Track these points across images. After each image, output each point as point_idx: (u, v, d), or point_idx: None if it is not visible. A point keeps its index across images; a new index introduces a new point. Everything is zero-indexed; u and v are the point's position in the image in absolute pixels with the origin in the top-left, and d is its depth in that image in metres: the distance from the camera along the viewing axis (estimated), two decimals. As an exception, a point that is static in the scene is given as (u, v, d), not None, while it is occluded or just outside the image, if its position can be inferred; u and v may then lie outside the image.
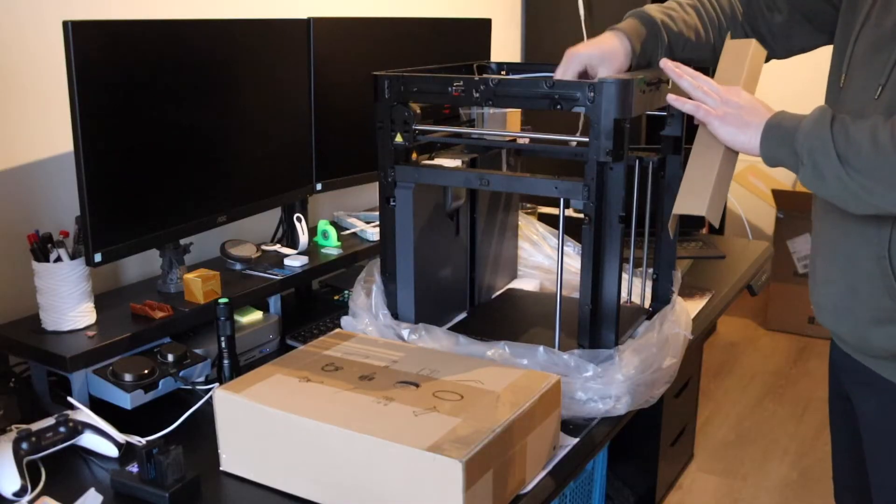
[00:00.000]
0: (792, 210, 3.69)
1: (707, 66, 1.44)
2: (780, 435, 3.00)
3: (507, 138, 1.64)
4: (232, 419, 1.21)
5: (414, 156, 1.49)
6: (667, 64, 1.29)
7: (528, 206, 2.51)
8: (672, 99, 1.28)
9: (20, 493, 1.16)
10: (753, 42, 1.37)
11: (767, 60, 1.45)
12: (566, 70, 1.38)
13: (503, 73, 1.73)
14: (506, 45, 3.01)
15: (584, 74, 1.39)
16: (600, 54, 1.37)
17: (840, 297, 1.25)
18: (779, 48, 1.45)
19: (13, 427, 1.27)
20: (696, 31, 1.43)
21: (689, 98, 1.27)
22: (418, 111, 1.43)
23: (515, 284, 1.85)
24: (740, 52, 1.35)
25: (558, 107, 1.30)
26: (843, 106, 1.23)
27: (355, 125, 1.91)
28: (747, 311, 4.06)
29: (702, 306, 1.85)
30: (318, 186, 1.90)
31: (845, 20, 1.28)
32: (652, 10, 1.42)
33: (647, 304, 1.68)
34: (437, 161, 1.54)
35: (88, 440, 1.28)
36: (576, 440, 1.30)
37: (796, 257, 3.75)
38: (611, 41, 1.38)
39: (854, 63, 1.22)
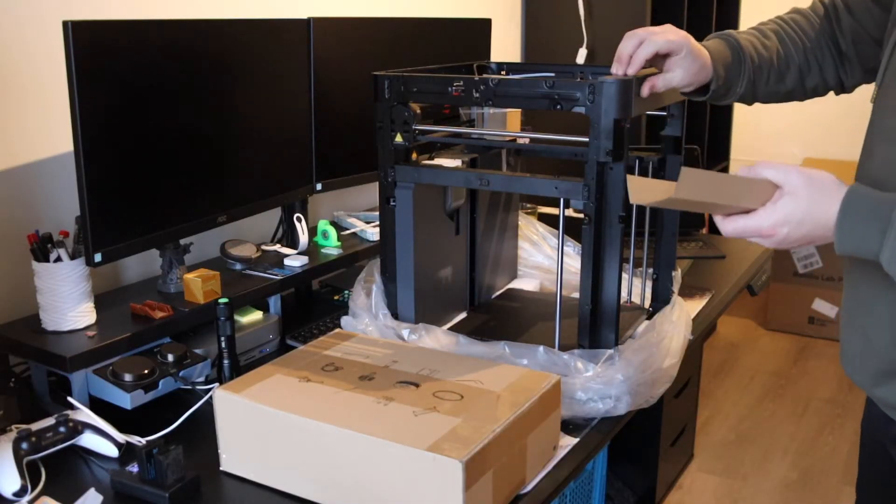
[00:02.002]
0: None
1: (790, 99, 1.39)
2: (780, 435, 3.00)
3: (507, 138, 1.64)
4: (232, 419, 1.21)
5: (414, 156, 1.49)
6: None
7: (528, 206, 2.51)
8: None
9: (20, 493, 1.16)
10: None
11: (841, 92, 1.38)
12: (640, 52, 1.27)
13: (503, 73, 1.73)
14: (506, 45, 3.01)
15: (652, 62, 1.30)
16: (694, 58, 1.27)
17: (855, 341, 1.17)
18: (855, 72, 1.33)
19: (13, 427, 1.27)
20: (779, 60, 1.34)
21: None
22: (418, 111, 1.43)
23: (515, 284, 1.85)
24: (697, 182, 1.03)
25: (558, 107, 1.30)
26: (870, 125, 1.15)
27: (355, 125, 1.91)
28: (747, 311, 4.06)
29: (702, 306, 1.85)
30: (318, 186, 1.89)
31: (889, 29, 1.16)
32: (738, 34, 1.35)
33: (647, 304, 1.68)
34: (437, 161, 1.54)
35: (88, 440, 1.28)
36: (576, 440, 1.30)
37: (796, 257, 3.75)
38: (706, 55, 1.30)
39: (887, 78, 1.12)
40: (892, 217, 0.94)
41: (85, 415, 1.30)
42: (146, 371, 1.39)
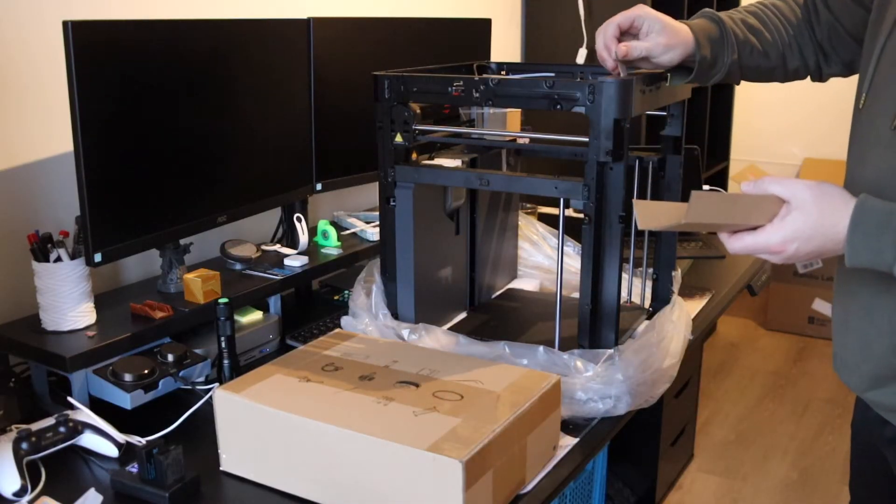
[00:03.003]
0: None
1: (772, 78, 1.40)
2: (780, 435, 3.00)
3: (507, 138, 1.64)
4: (232, 419, 1.21)
5: (414, 156, 1.49)
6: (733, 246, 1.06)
7: (528, 206, 2.51)
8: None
9: (20, 493, 1.16)
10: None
11: (818, 80, 1.39)
12: (606, 34, 1.32)
13: (503, 73, 1.73)
14: (506, 45, 3.01)
15: (626, 35, 1.33)
16: (663, 25, 1.30)
17: (851, 347, 1.16)
18: (833, 63, 1.34)
19: (13, 427, 1.27)
20: (761, 37, 1.35)
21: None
22: (418, 111, 1.43)
23: (515, 284, 1.85)
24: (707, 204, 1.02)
25: (558, 107, 1.31)
26: (858, 132, 1.13)
27: (355, 125, 1.91)
28: (747, 311, 4.06)
29: (702, 306, 1.85)
30: (318, 186, 1.89)
31: (872, 31, 1.14)
32: (720, 13, 1.37)
33: (647, 304, 1.68)
34: (437, 161, 1.54)
35: (88, 440, 1.28)
36: (576, 440, 1.30)
37: (796, 257, 3.75)
38: (681, 24, 1.33)
39: (876, 83, 1.09)
40: None
41: (85, 415, 1.30)
42: (146, 371, 1.39)
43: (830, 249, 0.99)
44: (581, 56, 2.95)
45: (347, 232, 2.02)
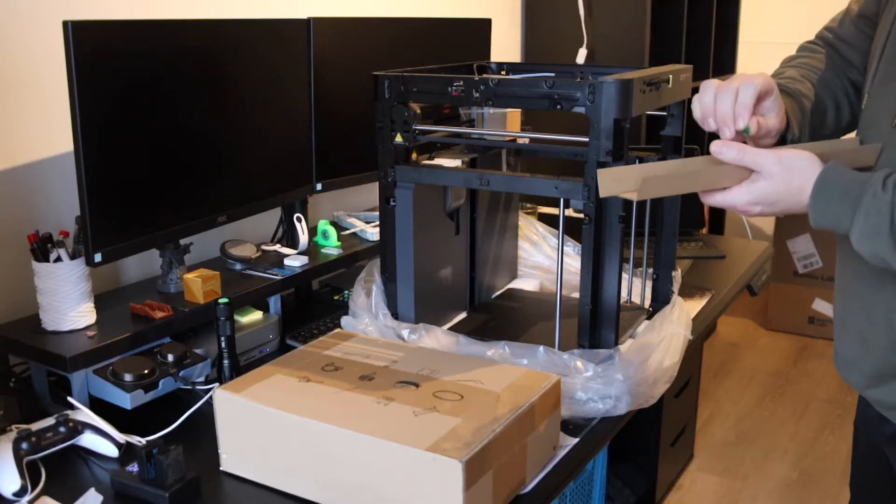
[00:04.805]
0: (792, 210, 3.68)
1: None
2: (780, 435, 3.00)
3: (507, 138, 1.64)
4: (232, 419, 1.21)
5: (414, 156, 1.49)
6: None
7: (528, 206, 2.51)
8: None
9: (20, 493, 1.16)
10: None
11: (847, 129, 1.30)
12: (743, 100, 1.11)
13: (503, 73, 1.73)
14: (506, 45, 3.01)
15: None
16: (780, 105, 1.16)
17: (851, 345, 1.17)
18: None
19: (13, 427, 1.27)
20: (818, 100, 1.25)
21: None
22: (418, 111, 1.43)
23: (515, 284, 1.85)
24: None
25: (558, 107, 1.31)
26: (861, 130, 1.14)
27: (355, 125, 1.91)
28: (747, 311, 4.06)
29: (702, 306, 1.85)
30: (318, 186, 1.89)
31: (878, 32, 1.16)
32: (784, 81, 1.23)
33: (647, 304, 1.68)
34: (437, 161, 1.54)
35: (88, 440, 1.28)
36: (576, 440, 1.30)
37: (796, 257, 3.75)
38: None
39: (878, 81, 1.11)
40: (861, 201, 0.99)
41: (85, 415, 1.30)
42: (146, 371, 1.39)
43: (796, 210, 1.06)
44: (581, 56, 2.95)
45: (347, 232, 2.02)
